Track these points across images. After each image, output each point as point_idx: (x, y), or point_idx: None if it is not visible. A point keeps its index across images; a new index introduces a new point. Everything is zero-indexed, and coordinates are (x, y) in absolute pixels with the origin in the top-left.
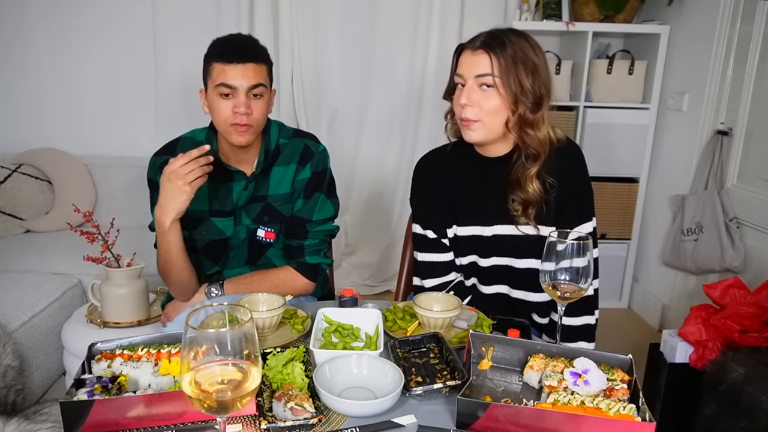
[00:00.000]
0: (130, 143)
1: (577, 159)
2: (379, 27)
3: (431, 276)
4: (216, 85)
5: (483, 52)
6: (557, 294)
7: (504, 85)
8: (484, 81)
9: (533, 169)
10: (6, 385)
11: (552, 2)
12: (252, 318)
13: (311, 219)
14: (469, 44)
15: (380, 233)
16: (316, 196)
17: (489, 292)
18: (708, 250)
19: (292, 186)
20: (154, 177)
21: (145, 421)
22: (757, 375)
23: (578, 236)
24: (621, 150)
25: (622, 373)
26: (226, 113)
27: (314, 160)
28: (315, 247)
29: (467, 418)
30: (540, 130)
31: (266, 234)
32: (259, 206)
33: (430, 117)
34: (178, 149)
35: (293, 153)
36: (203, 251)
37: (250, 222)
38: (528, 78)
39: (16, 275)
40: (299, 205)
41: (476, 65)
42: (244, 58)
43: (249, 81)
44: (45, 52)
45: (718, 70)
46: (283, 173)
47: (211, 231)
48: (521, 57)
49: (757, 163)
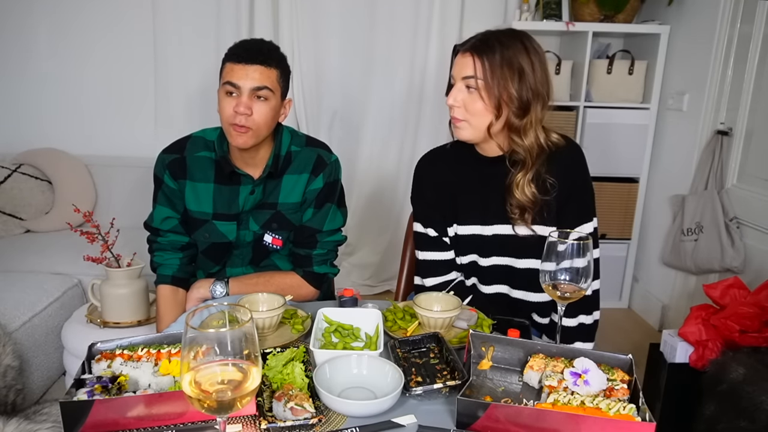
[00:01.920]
0: (130, 143)
1: (577, 159)
2: (379, 27)
3: (432, 275)
4: (223, 83)
5: (469, 55)
6: (557, 294)
7: (487, 89)
8: (469, 83)
9: (519, 176)
10: (6, 385)
11: (552, 2)
12: (252, 318)
13: (321, 229)
14: (461, 45)
15: (380, 233)
16: (327, 206)
17: (489, 291)
18: (708, 250)
19: (303, 195)
20: (161, 175)
21: (145, 421)
22: (757, 375)
23: (578, 236)
24: (621, 150)
25: (622, 373)
26: (228, 112)
27: (327, 171)
28: (323, 257)
29: (467, 418)
30: (527, 136)
31: (273, 241)
32: (269, 213)
33: (430, 117)
34: (187, 148)
35: (306, 162)
36: (205, 252)
37: (258, 228)
38: (513, 83)
39: (16, 275)
40: (309, 215)
41: (463, 67)
42: (253, 60)
43: (253, 82)
44: (45, 52)
45: (718, 70)
46: (296, 182)
47: (213, 234)
48: (508, 61)
49: (757, 163)
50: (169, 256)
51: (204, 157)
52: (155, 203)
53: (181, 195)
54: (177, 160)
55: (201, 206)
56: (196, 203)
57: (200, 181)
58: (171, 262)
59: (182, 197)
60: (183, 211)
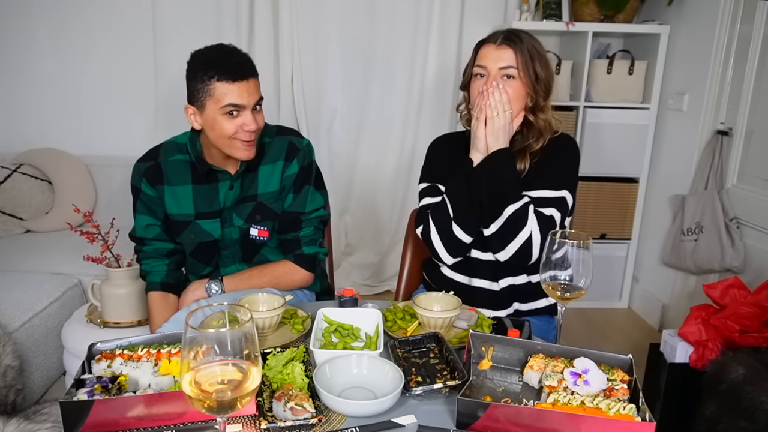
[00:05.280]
0: (130, 143)
1: (569, 142)
2: (379, 27)
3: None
4: (223, 105)
5: (507, 47)
6: (557, 294)
7: (525, 76)
8: (508, 72)
9: (535, 146)
10: (6, 385)
11: (552, 2)
12: (252, 318)
13: (304, 211)
14: (491, 39)
15: (380, 233)
16: (306, 189)
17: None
18: (708, 250)
19: (281, 183)
20: (138, 184)
21: (145, 421)
22: (757, 375)
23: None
24: (621, 150)
25: (622, 373)
26: (232, 131)
27: (300, 155)
28: (310, 237)
29: (467, 418)
30: (547, 113)
31: (260, 233)
32: (250, 206)
33: (430, 117)
34: (161, 155)
35: (279, 150)
36: (193, 254)
37: (243, 222)
38: (543, 68)
39: (16, 275)
40: (290, 200)
41: (500, 58)
42: (247, 75)
43: (254, 97)
44: (45, 52)
45: (718, 70)
46: (271, 171)
47: (199, 234)
48: (537, 51)
49: (757, 163)
50: (155, 263)
51: (179, 160)
52: (135, 213)
53: (161, 201)
54: (152, 167)
55: (182, 209)
56: (177, 206)
57: (178, 185)
58: (159, 269)
59: (162, 203)
60: (164, 217)
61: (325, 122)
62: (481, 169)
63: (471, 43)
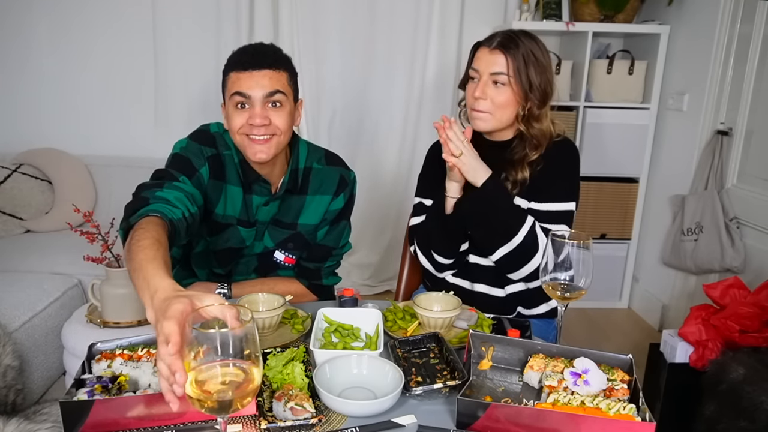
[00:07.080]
0: (130, 143)
1: (570, 148)
2: (379, 27)
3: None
4: (231, 94)
5: (499, 52)
6: (557, 294)
7: (516, 83)
8: (498, 78)
9: (533, 156)
10: (6, 385)
11: (552, 2)
12: (253, 318)
13: (336, 246)
14: (486, 42)
15: (380, 233)
16: (342, 224)
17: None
18: (708, 250)
19: (323, 216)
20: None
21: (145, 421)
22: (757, 375)
23: (578, 237)
24: (621, 150)
25: (622, 373)
26: (239, 124)
27: (347, 190)
28: (331, 269)
29: (467, 418)
30: (543, 123)
31: (286, 259)
32: (287, 233)
33: (430, 116)
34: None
35: (329, 184)
36: (217, 254)
37: (273, 245)
38: (537, 77)
39: (16, 275)
40: (323, 233)
41: (492, 63)
42: (260, 65)
43: (265, 89)
44: (45, 52)
45: (718, 70)
46: (318, 203)
47: (233, 238)
48: (532, 58)
49: (757, 163)
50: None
51: (229, 155)
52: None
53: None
54: (216, 158)
55: (229, 210)
56: (224, 207)
57: (234, 185)
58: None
59: (212, 200)
60: (196, 210)
61: (325, 122)
62: (474, 206)
63: (471, 43)
